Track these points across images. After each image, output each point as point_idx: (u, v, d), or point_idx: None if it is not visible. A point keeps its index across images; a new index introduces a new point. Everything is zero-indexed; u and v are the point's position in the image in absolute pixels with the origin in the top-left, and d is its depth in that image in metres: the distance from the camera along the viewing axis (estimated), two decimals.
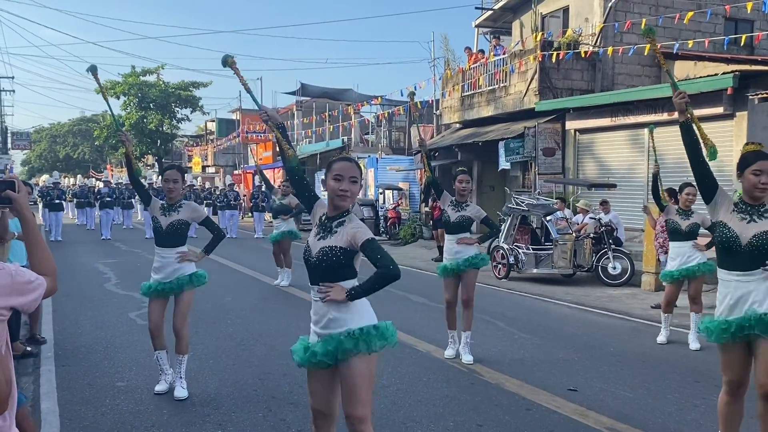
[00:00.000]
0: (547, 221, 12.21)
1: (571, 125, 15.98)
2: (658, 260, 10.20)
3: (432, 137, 22.76)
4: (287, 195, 10.65)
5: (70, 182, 38.26)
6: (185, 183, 5.53)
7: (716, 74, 12.34)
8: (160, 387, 5.17)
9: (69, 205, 27.63)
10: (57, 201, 19.77)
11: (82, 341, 6.92)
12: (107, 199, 21.63)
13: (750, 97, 11.56)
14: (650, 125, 8.00)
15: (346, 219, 3.10)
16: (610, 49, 14.85)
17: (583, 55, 15.84)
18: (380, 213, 22.13)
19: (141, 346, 6.51)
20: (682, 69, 14.78)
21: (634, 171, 14.50)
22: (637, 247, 12.21)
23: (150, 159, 46.20)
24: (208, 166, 47.03)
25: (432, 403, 5.01)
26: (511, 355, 6.53)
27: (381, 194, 23.89)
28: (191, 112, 41.82)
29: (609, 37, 16.31)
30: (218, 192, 25.02)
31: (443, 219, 6.33)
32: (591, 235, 11.89)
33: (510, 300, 10.07)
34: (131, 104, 38.69)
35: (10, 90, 64.21)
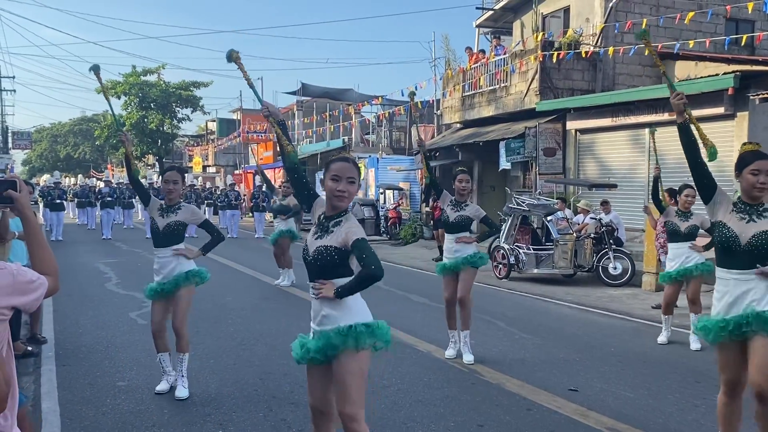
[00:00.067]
0: (548, 221, 12.21)
1: (572, 125, 15.98)
2: (659, 260, 10.20)
3: (433, 137, 22.75)
4: (288, 195, 10.66)
5: (71, 182, 38.27)
6: (185, 184, 5.54)
7: (717, 74, 12.34)
8: (161, 387, 5.18)
9: (70, 205, 27.65)
10: (58, 201, 19.80)
11: (83, 341, 6.93)
12: (108, 199, 21.67)
13: (751, 98, 11.55)
14: (651, 127, 8.02)
15: (343, 219, 3.13)
16: (611, 50, 14.84)
17: (584, 55, 15.83)
18: (381, 213, 22.13)
19: (142, 346, 6.52)
20: (683, 69, 14.78)
21: (635, 171, 14.50)
22: (638, 248, 12.21)
23: (151, 159, 46.23)
24: (209, 166, 47.05)
25: (432, 404, 5.02)
26: (512, 356, 6.53)
27: (382, 194, 23.88)
28: (192, 112, 41.86)
29: (610, 38, 16.31)
30: (219, 192, 25.02)
31: (442, 218, 6.33)
32: (592, 236, 11.89)
33: (511, 300, 10.07)
34: (132, 104, 38.70)
35: (11, 90, 64.35)
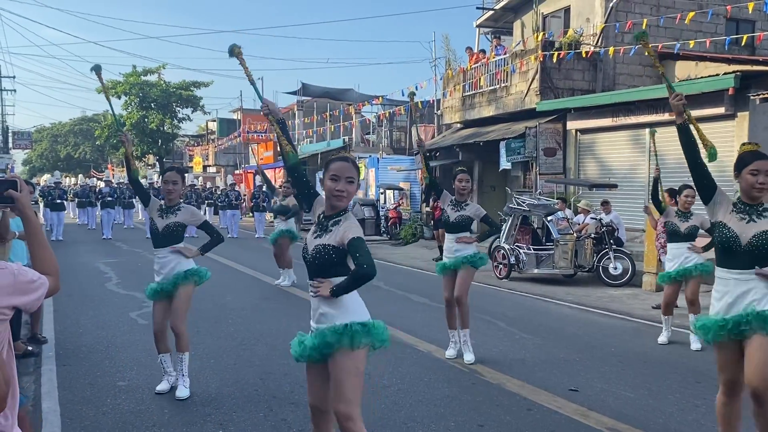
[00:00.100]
0: (548, 221, 12.21)
1: (572, 125, 15.98)
2: (659, 261, 10.18)
3: (433, 137, 22.75)
4: (288, 196, 10.65)
5: (72, 182, 38.27)
6: (185, 184, 5.54)
7: (717, 74, 12.34)
8: (162, 387, 5.18)
9: (70, 205, 27.65)
10: (58, 201, 19.81)
11: (83, 341, 6.93)
12: (108, 199, 21.68)
13: (751, 98, 11.55)
14: (651, 129, 8.01)
15: (342, 218, 3.15)
16: (611, 50, 14.83)
17: (585, 55, 15.83)
18: (381, 213, 22.12)
19: (142, 346, 6.52)
20: (684, 69, 14.78)
21: (635, 171, 14.49)
22: (638, 248, 12.21)
23: (151, 159, 46.22)
24: (209, 166, 47.04)
25: (433, 404, 5.02)
26: (512, 356, 6.53)
27: (382, 194, 23.88)
28: (192, 112, 41.85)
29: (610, 38, 16.31)
30: (219, 192, 25.03)
31: (443, 218, 6.33)
32: (592, 236, 11.89)
33: (511, 300, 10.07)
34: (132, 104, 38.70)
35: (12, 89, 64.08)
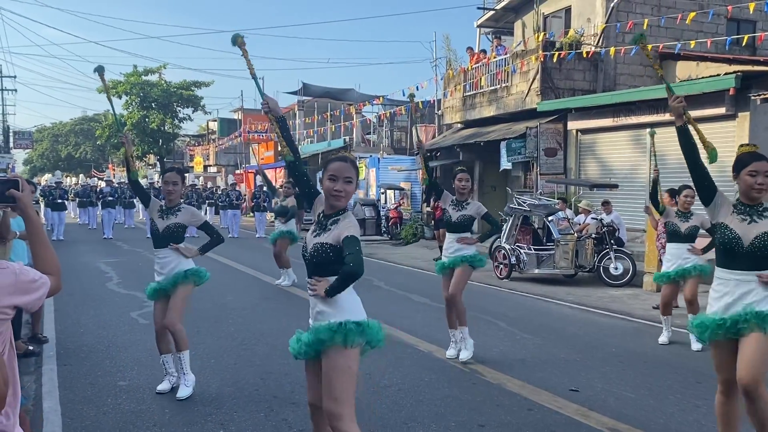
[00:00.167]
0: (549, 221, 12.20)
1: (573, 125, 15.98)
2: (660, 261, 10.17)
3: (434, 137, 22.75)
4: (289, 196, 10.64)
5: (72, 181, 38.32)
6: (185, 185, 5.54)
7: (718, 75, 12.33)
8: (163, 386, 5.18)
9: (71, 205, 27.67)
10: (59, 200, 19.83)
11: (84, 340, 6.93)
12: (109, 199, 21.69)
13: (752, 98, 11.55)
14: (651, 130, 8.00)
15: (341, 217, 3.19)
16: (612, 50, 14.84)
17: (585, 56, 15.83)
18: (382, 213, 22.12)
19: (143, 346, 6.52)
20: (684, 69, 14.78)
21: (636, 171, 14.48)
22: (639, 248, 12.21)
23: (152, 159, 46.23)
24: (210, 166, 47.07)
25: (433, 404, 5.02)
26: (513, 356, 6.52)
27: (383, 194, 23.90)
28: (193, 112, 41.84)
29: (611, 38, 16.31)
30: (220, 192, 25.04)
31: (444, 219, 6.34)
32: (593, 236, 11.88)
33: (512, 300, 10.07)
34: (133, 104, 38.72)
35: (13, 89, 64.19)
